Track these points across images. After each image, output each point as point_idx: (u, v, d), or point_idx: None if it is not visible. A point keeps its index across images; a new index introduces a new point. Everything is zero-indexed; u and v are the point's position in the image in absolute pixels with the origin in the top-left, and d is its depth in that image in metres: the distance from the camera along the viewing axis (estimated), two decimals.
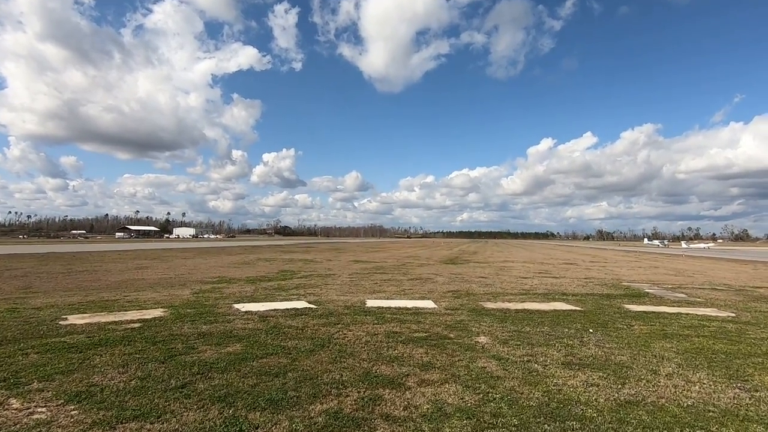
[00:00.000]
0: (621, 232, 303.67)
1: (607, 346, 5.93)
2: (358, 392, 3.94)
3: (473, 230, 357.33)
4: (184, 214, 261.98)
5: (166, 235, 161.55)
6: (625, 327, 7.31)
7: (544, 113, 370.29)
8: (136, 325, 6.55)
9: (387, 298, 10.42)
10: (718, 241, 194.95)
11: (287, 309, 8.36)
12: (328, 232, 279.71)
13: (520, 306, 9.49)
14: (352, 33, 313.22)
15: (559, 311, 8.97)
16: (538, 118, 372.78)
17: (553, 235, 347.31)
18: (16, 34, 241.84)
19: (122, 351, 5.07)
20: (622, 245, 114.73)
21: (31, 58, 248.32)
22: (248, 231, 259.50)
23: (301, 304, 9.07)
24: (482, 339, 6.17)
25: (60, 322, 6.73)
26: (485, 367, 4.78)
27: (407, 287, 12.93)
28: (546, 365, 4.94)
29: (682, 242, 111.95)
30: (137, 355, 4.90)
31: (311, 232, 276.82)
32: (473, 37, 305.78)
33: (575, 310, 9.05)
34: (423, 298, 10.53)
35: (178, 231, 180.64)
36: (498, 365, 4.88)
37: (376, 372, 4.54)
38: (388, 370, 4.62)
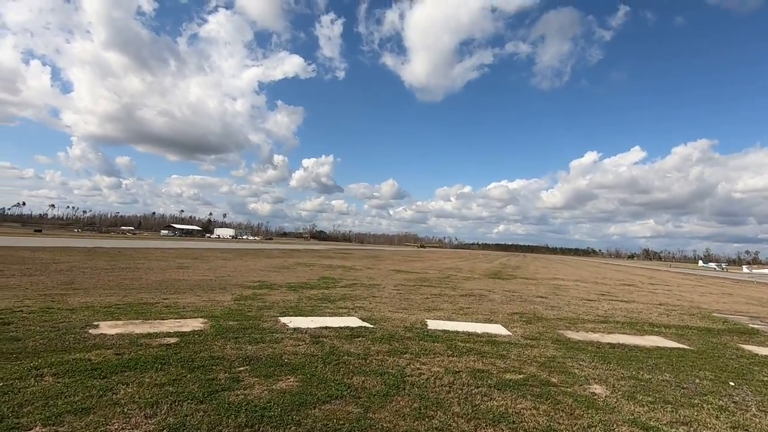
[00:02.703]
0: (669, 252, 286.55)
1: None
2: None
3: (510, 243, 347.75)
4: (225, 215, 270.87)
5: (208, 235, 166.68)
6: None
7: (590, 126, 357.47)
8: (173, 340, 5.61)
9: (448, 319, 9.13)
10: None
11: (340, 327, 7.24)
12: (362, 238, 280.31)
13: (610, 339, 7.94)
14: (396, 43, 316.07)
15: (663, 349, 7.36)
16: (582, 131, 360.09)
17: (594, 252, 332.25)
18: (84, 42, 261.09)
19: (153, 379, 4.07)
20: (674, 266, 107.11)
21: (96, 64, 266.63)
22: (285, 234, 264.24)
23: (354, 322, 7.94)
24: (598, 389, 4.77)
25: (90, 331, 5.91)
26: None
27: (464, 305, 11.57)
28: None
29: (744, 266, 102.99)
30: (170, 388, 3.88)
31: (346, 238, 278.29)
32: (518, 47, 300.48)
33: (684, 350, 7.41)
34: (489, 321, 9.16)
35: (218, 231, 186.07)
36: None
37: None
38: None
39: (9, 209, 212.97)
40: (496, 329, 8.22)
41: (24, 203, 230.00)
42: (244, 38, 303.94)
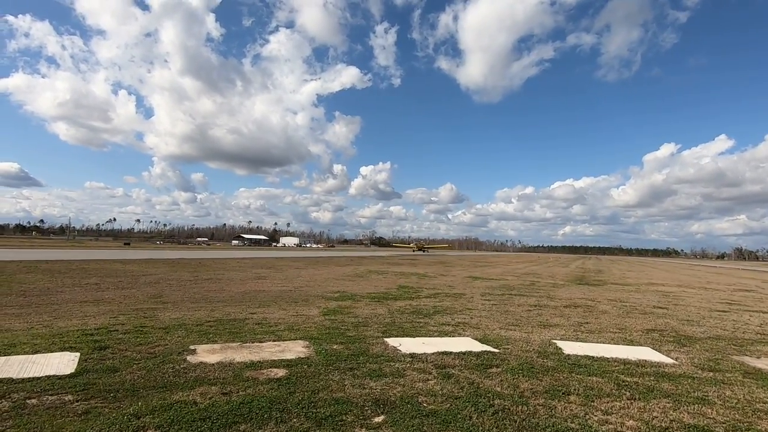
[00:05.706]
0: None
1: None
2: None
3: (578, 245, 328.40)
4: (288, 224, 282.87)
5: (274, 244, 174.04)
6: None
7: (665, 116, 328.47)
8: (281, 373, 4.72)
9: (576, 339, 7.60)
10: None
11: (462, 353, 6.03)
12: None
13: None
14: (451, 46, 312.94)
15: None
16: (657, 123, 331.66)
17: (676, 252, 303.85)
18: (163, 71, 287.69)
19: None
20: None
21: (173, 90, 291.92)
22: (346, 241, 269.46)
23: (471, 344, 6.70)
24: None
25: (188, 358, 5.22)
26: None
27: (578, 320, 9.90)
28: None
29: None
30: None
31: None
32: (581, 38, 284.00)
33: None
34: (628, 342, 7.51)
35: (284, 240, 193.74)
36: None
37: None
38: None
39: (103, 225, 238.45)
40: (650, 354, 6.59)
41: (115, 219, 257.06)
42: (303, 54, 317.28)
